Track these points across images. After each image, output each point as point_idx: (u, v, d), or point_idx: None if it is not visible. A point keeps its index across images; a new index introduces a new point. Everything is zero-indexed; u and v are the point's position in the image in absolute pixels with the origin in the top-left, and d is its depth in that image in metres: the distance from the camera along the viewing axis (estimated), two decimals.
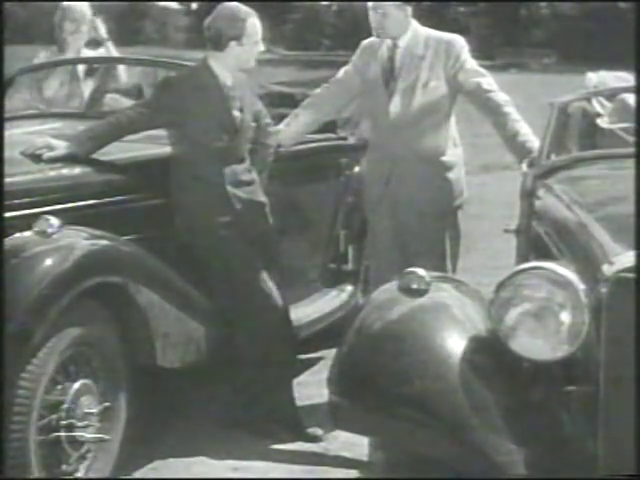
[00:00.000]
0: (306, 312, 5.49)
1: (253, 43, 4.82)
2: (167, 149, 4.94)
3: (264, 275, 4.76)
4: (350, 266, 5.99)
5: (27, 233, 3.96)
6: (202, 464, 4.55)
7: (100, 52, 6.42)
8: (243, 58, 4.82)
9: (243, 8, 4.82)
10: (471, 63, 5.19)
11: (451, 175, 5.22)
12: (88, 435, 3.99)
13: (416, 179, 5.13)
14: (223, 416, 4.97)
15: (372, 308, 3.36)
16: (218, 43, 4.77)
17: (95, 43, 6.42)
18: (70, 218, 4.13)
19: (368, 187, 5.33)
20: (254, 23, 4.81)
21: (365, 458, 3.75)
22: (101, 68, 5.96)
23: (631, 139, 4.89)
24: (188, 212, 4.73)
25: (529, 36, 51.99)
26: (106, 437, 4.09)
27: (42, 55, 6.34)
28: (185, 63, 5.92)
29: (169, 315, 4.41)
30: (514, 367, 3.13)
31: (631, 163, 3.87)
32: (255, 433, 4.76)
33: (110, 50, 6.45)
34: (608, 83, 5.62)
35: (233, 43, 4.76)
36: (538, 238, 4.11)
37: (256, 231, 4.80)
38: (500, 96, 5.14)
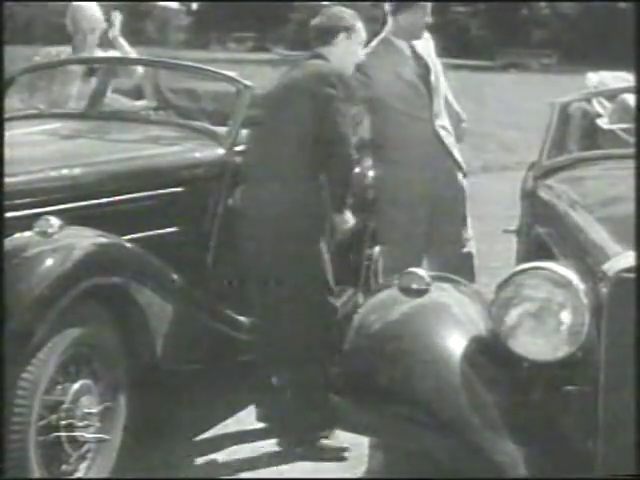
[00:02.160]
0: None
1: (358, 43, 4.84)
2: (166, 149, 4.96)
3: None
4: (350, 266, 6.00)
5: (27, 233, 3.96)
6: (202, 464, 4.55)
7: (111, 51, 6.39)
8: (347, 57, 4.80)
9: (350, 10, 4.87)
10: None
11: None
12: (88, 435, 3.99)
13: (453, 174, 5.38)
14: (223, 416, 4.99)
15: (372, 308, 3.36)
16: (327, 35, 4.74)
17: (107, 43, 6.40)
18: (70, 218, 4.13)
19: (405, 185, 5.35)
20: (361, 26, 4.85)
21: (365, 458, 3.75)
22: (102, 68, 5.96)
23: (631, 139, 4.90)
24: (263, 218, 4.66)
25: (529, 36, 51.99)
26: (106, 437, 4.09)
27: (57, 52, 6.29)
28: (185, 63, 5.94)
29: (169, 315, 4.41)
30: (514, 367, 3.13)
31: (631, 163, 3.87)
32: (257, 433, 4.77)
33: (122, 45, 6.40)
34: (608, 83, 5.63)
35: (343, 35, 4.75)
36: (538, 238, 4.11)
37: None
38: None
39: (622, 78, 5.61)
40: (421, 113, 5.32)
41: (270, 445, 4.73)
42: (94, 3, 6.35)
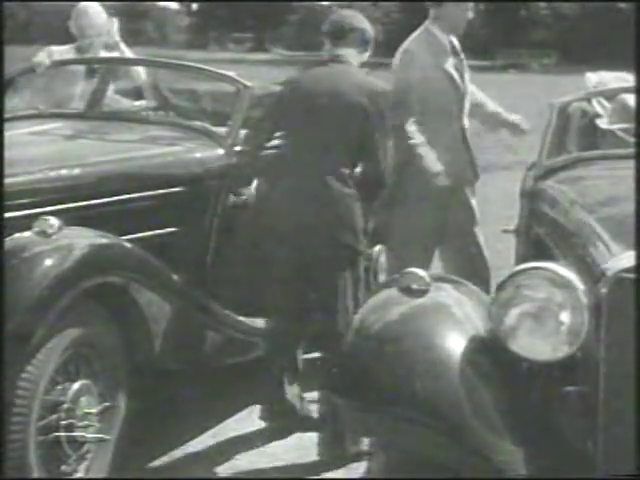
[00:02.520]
0: None
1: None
2: (166, 149, 4.96)
3: None
4: None
5: (27, 233, 3.96)
6: (202, 464, 4.55)
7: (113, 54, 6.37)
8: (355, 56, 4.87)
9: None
10: None
11: None
12: (88, 435, 3.99)
13: (470, 174, 5.55)
14: (223, 416, 4.99)
15: (372, 308, 3.36)
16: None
17: (110, 46, 6.38)
18: (70, 218, 4.13)
19: (424, 182, 5.36)
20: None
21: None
22: (101, 68, 5.96)
23: (631, 139, 4.89)
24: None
25: (529, 36, 51.99)
26: (106, 437, 4.09)
27: (58, 52, 6.26)
28: (185, 63, 5.93)
29: (169, 315, 4.41)
30: (514, 367, 3.13)
31: (631, 163, 3.87)
32: (257, 432, 4.78)
33: (124, 51, 6.39)
34: (607, 83, 5.62)
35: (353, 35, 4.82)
36: (538, 238, 4.11)
37: None
38: None
39: (622, 78, 5.60)
40: (452, 108, 5.34)
41: (271, 444, 4.74)
42: (99, 6, 6.33)
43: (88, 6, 6.30)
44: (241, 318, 4.98)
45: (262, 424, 4.83)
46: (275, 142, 4.83)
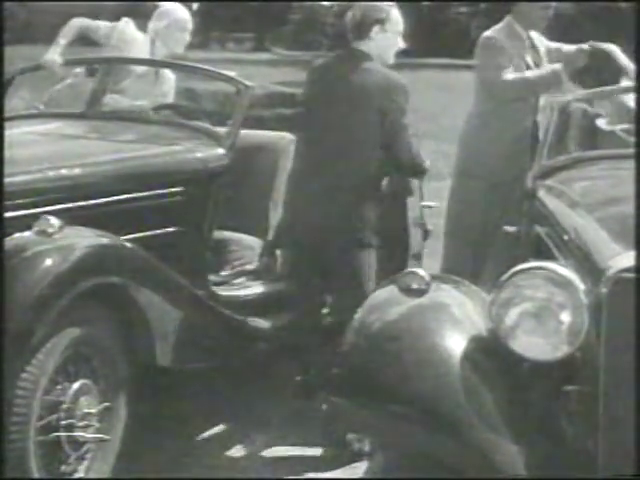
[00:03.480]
0: None
1: (396, 32, 4.78)
2: (166, 149, 4.96)
3: None
4: None
5: (27, 233, 3.96)
6: (202, 464, 4.55)
7: None
8: (386, 49, 4.74)
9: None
10: None
11: None
12: (88, 435, 3.98)
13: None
14: (224, 416, 4.98)
15: (372, 308, 3.35)
16: (361, 28, 4.70)
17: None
18: (70, 218, 4.13)
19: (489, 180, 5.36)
20: (397, 13, 4.79)
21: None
22: (101, 68, 5.94)
23: (631, 140, 4.89)
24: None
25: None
26: (106, 437, 4.09)
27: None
28: (185, 63, 5.93)
29: (169, 315, 4.40)
30: (514, 367, 3.13)
31: (631, 164, 3.87)
32: (257, 431, 4.78)
33: None
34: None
35: (377, 28, 4.69)
36: (538, 238, 4.11)
37: None
38: None
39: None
40: (528, 100, 5.37)
41: (270, 444, 4.74)
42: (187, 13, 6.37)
43: (177, 16, 6.34)
44: (241, 318, 4.97)
45: (262, 424, 4.83)
46: None
